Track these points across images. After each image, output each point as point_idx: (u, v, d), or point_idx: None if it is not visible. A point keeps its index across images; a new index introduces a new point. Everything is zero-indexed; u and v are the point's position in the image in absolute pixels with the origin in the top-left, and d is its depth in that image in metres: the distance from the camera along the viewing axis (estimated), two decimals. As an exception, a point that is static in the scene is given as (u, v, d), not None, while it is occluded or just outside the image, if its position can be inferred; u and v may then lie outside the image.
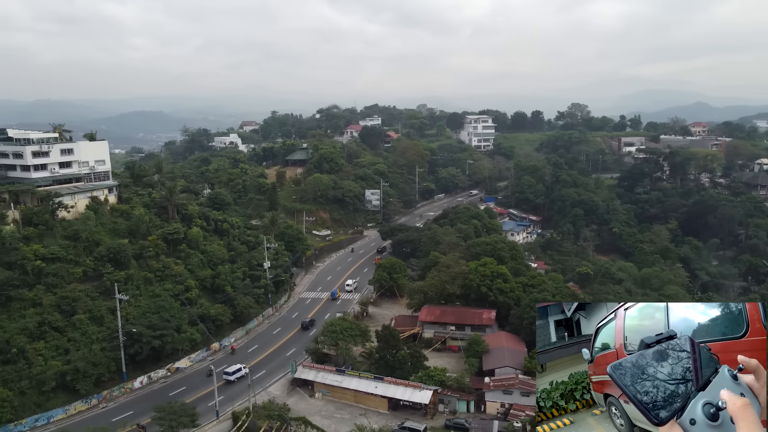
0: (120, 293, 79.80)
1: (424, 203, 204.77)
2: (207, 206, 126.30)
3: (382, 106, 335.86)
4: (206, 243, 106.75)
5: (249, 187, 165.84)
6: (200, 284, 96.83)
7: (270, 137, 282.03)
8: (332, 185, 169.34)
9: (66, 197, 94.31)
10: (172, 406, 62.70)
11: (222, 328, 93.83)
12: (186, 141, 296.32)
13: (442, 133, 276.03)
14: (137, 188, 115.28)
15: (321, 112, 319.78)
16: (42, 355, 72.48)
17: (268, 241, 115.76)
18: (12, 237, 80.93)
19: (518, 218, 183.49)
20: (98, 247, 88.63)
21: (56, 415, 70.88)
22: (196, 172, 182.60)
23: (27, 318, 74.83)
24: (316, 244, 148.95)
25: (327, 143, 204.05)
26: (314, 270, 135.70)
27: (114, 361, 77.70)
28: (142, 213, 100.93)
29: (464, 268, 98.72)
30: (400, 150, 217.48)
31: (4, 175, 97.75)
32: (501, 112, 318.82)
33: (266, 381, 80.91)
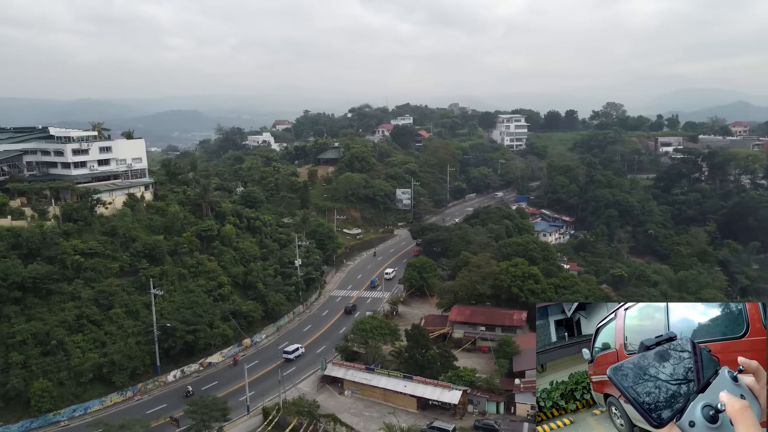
0: (155, 288, 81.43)
1: (455, 203, 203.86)
2: (240, 204, 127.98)
3: (413, 106, 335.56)
4: (239, 240, 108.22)
5: (281, 186, 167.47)
6: (232, 281, 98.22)
7: (302, 136, 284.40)
8: (363, 184, 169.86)
9: (104, 194, 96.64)
10: (204, 400, 63.65)
11: (253, 325, 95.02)
12: (220, 140, 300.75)
13: (474, 132, 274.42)
14: (172, 186, 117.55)
15: (353, 111, 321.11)
16: (80, 347, 74.50)
17: (300, 239, 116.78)
18: (53, 232, 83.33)
19: (551, 219, 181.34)
20: (134, 242, 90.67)
21: (93, 406, 72.80)
22: (229, 170, 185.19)
23: (66, 311, 77.00)
24: (347, 242, 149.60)
25: (358, 142, 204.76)
26: (345, 268, 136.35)
27: (149, 354, 79.41)
28: (177, 210, 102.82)
29: (495, 268, 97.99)
30: (432, 149, 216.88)
31: (46, 172, 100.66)
32: (534, 112, 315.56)
33: (296, 377, 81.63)
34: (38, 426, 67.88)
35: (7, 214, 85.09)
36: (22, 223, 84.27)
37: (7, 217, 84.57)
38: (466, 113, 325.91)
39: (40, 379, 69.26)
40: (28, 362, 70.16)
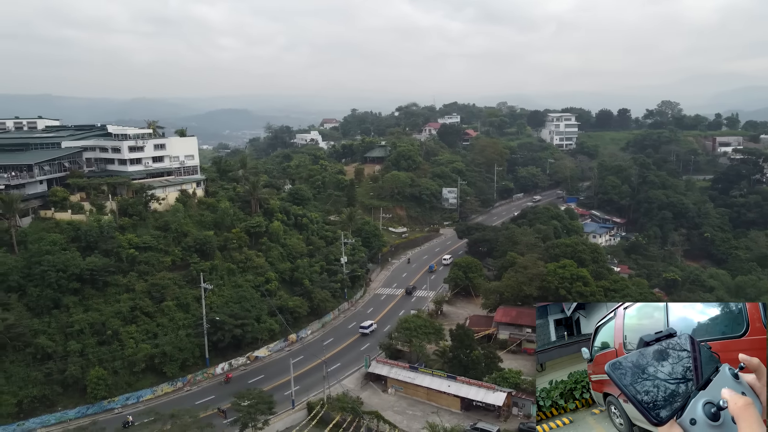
0: (205, 282, 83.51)
1: (502, 202, 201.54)
2: (288, 201, 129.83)
3: (461, 104, 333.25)
4: (286, 237, 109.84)
5: (328, 183, 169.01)
6: (279, 276, 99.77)
7: (349, 134, 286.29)
8: (409, 183, 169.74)
9: (158, 190, 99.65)
10: (251, 393, 64.83)
11: (299, 320, 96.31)
12: (269, 138, 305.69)
13: (523, 131, 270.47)
14: (223, 182, 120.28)
15: (400, 109, 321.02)
16: (133, 338, 77.08)
17: (346, 236, 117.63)
18: (109, 226, 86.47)
19: (601, 220, 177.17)
20: (186, 237, 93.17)
21: (145, 395, 75.25)
22: (278, 167, 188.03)
23: (121, 303, 79.81)
24: (392, 241, 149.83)
25: (405, 141, 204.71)
26: (390, 266, 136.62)
27: (198, 347, 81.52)
28: (227, 206, 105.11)
29: (542, 269, 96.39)
30: (479, 148, 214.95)
31: (104, 169, 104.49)
32: (585, 110, 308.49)
33: (340, 374, 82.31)
34: (94, 412, 70.60)
35: (67, 208, 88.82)
36: (81, 217, 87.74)
37: (67, 211, 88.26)
38: (515, 112, 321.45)
39: (96, 367, 72.08)
40: (85, 351, 73.14)
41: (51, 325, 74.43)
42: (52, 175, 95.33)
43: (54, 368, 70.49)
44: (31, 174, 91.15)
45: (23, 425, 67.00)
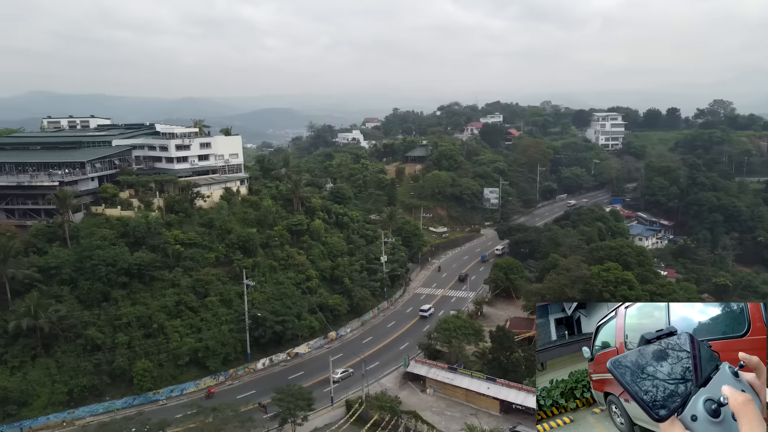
0: (247, 279, 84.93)
1: (544, 203, 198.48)
2: (329, 200, 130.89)
3: (503, 103, 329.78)
4: (327, 235, 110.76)
5: (369, 183, 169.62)
6: (320, 274, 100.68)
7: (391, 134, 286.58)
8: (450, 182, 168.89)
9: (203, 188, 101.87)
10: (291, 389, 65.62)
11: (339, 318, 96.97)
12: (311, 137, 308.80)
13: (567, 131, 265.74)
14: (266, 181, 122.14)
15: (441, 109, 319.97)
16: (178, 331, 79.04)
17: (386, 235, 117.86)
18: (156, 222, 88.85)
19: (648, 222, 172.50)
20: (229, 234, 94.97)
21: (188, 387, 77.07)
22: (320, 166, 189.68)
23: (167, 297, 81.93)
24: (433, 240, 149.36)
25: (446, 140, 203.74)
26: (429, 266, 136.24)
27: (240, 342, 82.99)
28: (270, 204, 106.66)
29: (586, 272, 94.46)
30: (522, 148, 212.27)
31: (152, 166, 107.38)
32: (632, 109, 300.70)
33: (379, 373, 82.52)
34: (139, 403, 72.68)
35: (117, 205, 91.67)
36: (130, 213, 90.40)
37: (117, 208, 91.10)
38: (559, 111, 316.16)
39: (143, 359, 74.21)
40: (132, 343, 75.38)
41: (100, 318, 77.03)
42: (103, 173, 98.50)
43: (103, 359, 72.94)
44: (83, 171, 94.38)
45: (73, 413, 69.51)
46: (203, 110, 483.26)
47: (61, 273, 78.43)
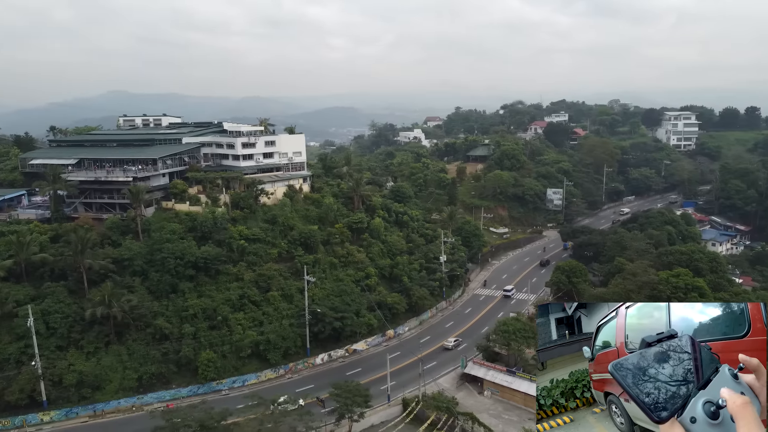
0: (308, 275, 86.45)
1: (610, 205, 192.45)
2: (389, 198, 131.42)
3: (569, 102, 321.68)
4: (387, 233, 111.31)
5: (429, 182, 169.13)
6: (379, 272, 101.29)
7: (452, 133, 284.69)
8: (512, 182, 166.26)
9: (267, 185, 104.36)
10: (349, 385, 66.30)
11: (397, 317, 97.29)
12: (373, 135, 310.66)
13: (636, 130, 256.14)
14: (328, 179, 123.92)
15: (505, 107, 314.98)
16: (241, 324, 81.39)
17: (446, 235, 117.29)
18: (222, 218, 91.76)
19: (722, 227, 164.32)
20: (292, 231, 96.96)
21: (250, 379, 79.23)
22: (381, 165, 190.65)
23: (231, 291, 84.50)
24: (493, 241, 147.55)
25: (509, 139, 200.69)
26: (489, 267, 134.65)
27: (300, 336, 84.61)
28: (331, 202, 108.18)
29: (653, 277, 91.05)
30: (587, 148, 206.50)
31: (219, 163, 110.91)
32: (707, 108, 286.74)
33: (436, 373, 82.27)
34: (203, 392, 75.30)
35: (186, 200, 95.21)
36: (198, 208, 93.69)
37: (185, 203, 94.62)
38: (628, 110, 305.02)
39: (207, 350, 76.88)
40: (197, 334, 78.17)
41: (168, 308, 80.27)
42: (173, 169, 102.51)
43: (170, 348, 76.01)
44: (155, 167, 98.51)
45: (142, 399, 72.79)
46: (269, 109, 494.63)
47: (133, 264, 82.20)
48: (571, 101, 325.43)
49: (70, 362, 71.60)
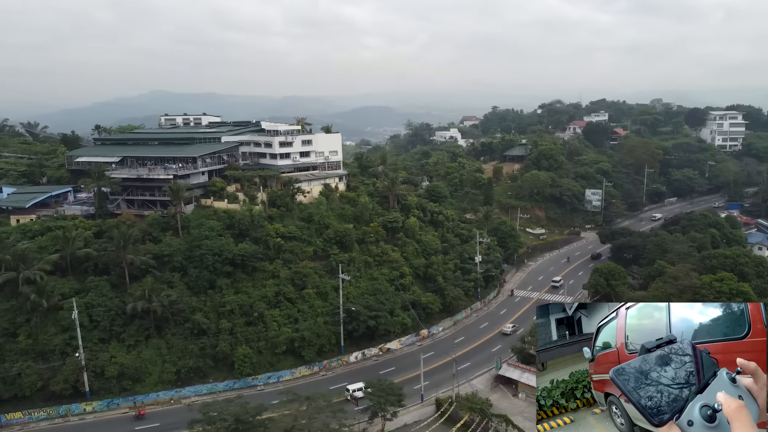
0: (343, 274, 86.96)
1: (651, 207, 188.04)
2: (424, 198, 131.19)
3: (609, 101, 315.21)
4: (422, 233, 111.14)
5: (465, 181, 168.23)
6: (414, 272, 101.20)
7: (489, 132, 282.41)
8: (550, 183, 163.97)
9: (304, 183, 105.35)
10: (382, 383, 66.38)
11: (431, 316, 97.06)
12: (409, 135, 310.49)
13: (679, 130, 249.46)
14: (363, 178, 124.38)
15: (543, 107, 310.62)
16: (276, 321, 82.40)
17: (481, 235, 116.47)
18: (259, 216, 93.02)
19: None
20: (327, 229, 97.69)
21: (284, 375, 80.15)
22: (416, 164, 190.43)
23: (267, 287, 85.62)
24: (529, 242, 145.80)
25: (547, 139, 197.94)
26: (525, 268, 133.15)
27: (334, 334, 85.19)
28: (366, 201, 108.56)
29: (695, 281, 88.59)
30: (628, 148, 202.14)
31: (257, 162, 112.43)
32: (754, 108, 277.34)
33: (470, 373, 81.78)
34: (239, 387, 76.47)
35: (224, 198, 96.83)
36: (236, 206, 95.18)
37: (224, 201, 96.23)
38: (670, 109, 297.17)
39: (243, 345, 78.08)
40: (234, 330, 79.47)
41: (206, 304, 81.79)
42: (212, 167, 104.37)
43: (207, 343, 77.46)
44: (195, 165, 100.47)
45: (180, 392, 74.38)
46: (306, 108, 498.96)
47: (172, 260, 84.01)
48: (611, 100, 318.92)
49: (112, 354, 73.66)
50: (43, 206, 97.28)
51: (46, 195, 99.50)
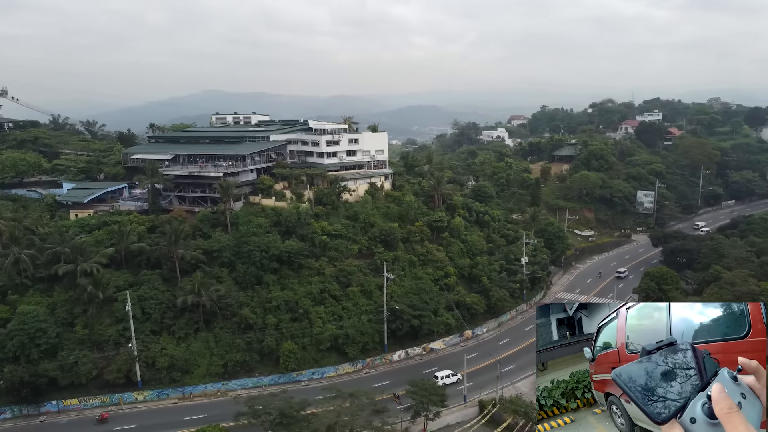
0: (387, 272, 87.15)
1: (707, 209, 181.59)
2: (470, 197, 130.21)
3: (663, 100, 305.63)
4: (467, 233, 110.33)
5: (512, 182, 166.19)
6: (458, 272, 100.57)
7: (537, 132, 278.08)
8: (600, 184, 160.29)
9: (350, 182, 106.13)
10: (425, 383, 66.21)
11: (475, 317, 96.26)
12: (455, 134, 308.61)
13: (738, 130, 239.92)
14: (409, 177, 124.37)
15: (593, 106, 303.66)
16: (321, 318, 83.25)
17: (528, 236, 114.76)
18: (306, 213, 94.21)
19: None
20: (372, 228, 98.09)
21: (328, 372, 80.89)
22: (462, 164, 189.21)
23: (312, 284, 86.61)
24: (578, 244, 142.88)
25: (597, 139, 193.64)
26: (573, 271, 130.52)
27: (378, 332, 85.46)
28: (412, 200, 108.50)
29: (754, 288, 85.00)
30: (683, 149, 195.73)
31: (304, 160, 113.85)
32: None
33: (514, 376, 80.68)
34: (284, 382, 77.62)
35: (272, 196, 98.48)
36: (283, 204, 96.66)
37: (271, 198, 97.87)
38: (729, 108, 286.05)
39: (288, 341, 79.18)
40: (280, 325, 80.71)
41: (253, 299, 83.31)
42: (261, 165, 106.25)
43: (254, 338, 78.92)
44: (244, 163, 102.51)
45: (227, 385, 76.04)
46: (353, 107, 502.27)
47: (221, 256, 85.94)
48: (666, 99, 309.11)
49: (163, 346, 75.90)
50: (100, 201, 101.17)
51: (102, 191, 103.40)
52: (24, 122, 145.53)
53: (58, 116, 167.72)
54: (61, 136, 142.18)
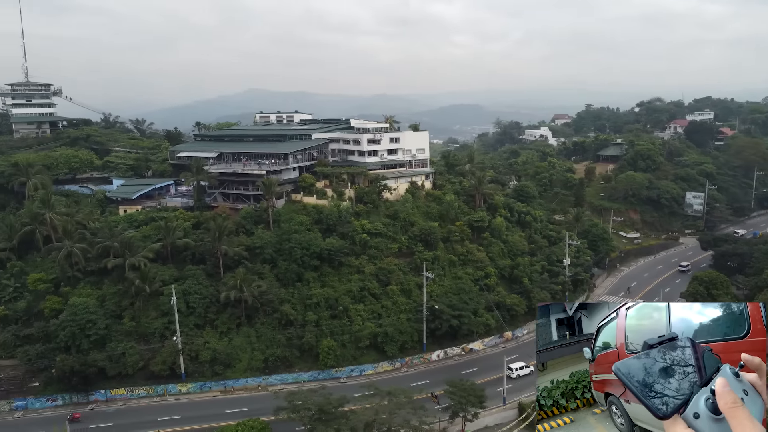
0: (427, 271, 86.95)
1: (761, 212, 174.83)
2: (512, 197, 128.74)
3: (715, 99, 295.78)
4: (508, 233, 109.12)
5: (555, 182, 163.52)
6: (499, 272, 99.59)
7: (582, 131, 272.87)
8: (646, 184, 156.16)
9: (390, 180, 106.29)
10: (464, 383, 65.80)
11: (516, 318, 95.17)
12: (498, 133, 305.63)
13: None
14: (450, 176, 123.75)
15: (641, 105, 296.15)
16: (360, 315, 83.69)
17: (571, 237, 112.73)
18: (347, 212, 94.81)
19: None
20: (412, 227, 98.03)
21: (367, 369, 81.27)
22: (504, 163, 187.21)
23: (352, 282, 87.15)
24: (622, 246, 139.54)
25: (644, 139, 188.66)
26: (617, 273, 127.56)
27: (417, 332, 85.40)
28: (452, 200, 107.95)
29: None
30: (735, 149, 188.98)
31: (345, 159, 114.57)
32: None
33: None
34: (323, 378, 78.31)
35: (313, 194, 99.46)
36: (324, 202, 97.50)
37: (313, 196, 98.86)
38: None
39: (328, 338, 79.88)
40: (320, 322, 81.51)
41: (294, 296, 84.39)
42: (303, 163, 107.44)
43: (294, 334, 79.96)
44: (287, 162, 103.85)
45: (267, 379, 77.24)
46: (395, 107, 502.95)
47: (263, 253, 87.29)
48: (718, 98, 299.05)
49: (206, 340, 77.65)
50: (147, 198, 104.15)
51: (150, 187, 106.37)
52: (77, 120, 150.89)
53: (109, 115, 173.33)
54: (112, 134, 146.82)
